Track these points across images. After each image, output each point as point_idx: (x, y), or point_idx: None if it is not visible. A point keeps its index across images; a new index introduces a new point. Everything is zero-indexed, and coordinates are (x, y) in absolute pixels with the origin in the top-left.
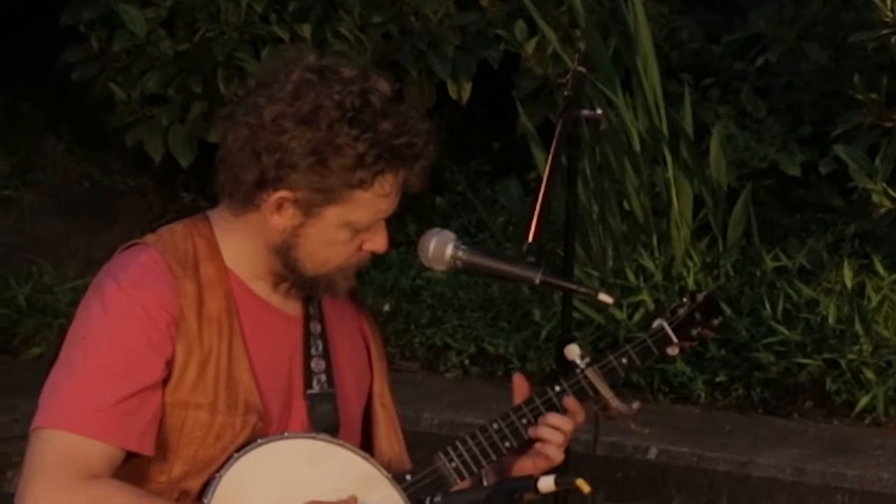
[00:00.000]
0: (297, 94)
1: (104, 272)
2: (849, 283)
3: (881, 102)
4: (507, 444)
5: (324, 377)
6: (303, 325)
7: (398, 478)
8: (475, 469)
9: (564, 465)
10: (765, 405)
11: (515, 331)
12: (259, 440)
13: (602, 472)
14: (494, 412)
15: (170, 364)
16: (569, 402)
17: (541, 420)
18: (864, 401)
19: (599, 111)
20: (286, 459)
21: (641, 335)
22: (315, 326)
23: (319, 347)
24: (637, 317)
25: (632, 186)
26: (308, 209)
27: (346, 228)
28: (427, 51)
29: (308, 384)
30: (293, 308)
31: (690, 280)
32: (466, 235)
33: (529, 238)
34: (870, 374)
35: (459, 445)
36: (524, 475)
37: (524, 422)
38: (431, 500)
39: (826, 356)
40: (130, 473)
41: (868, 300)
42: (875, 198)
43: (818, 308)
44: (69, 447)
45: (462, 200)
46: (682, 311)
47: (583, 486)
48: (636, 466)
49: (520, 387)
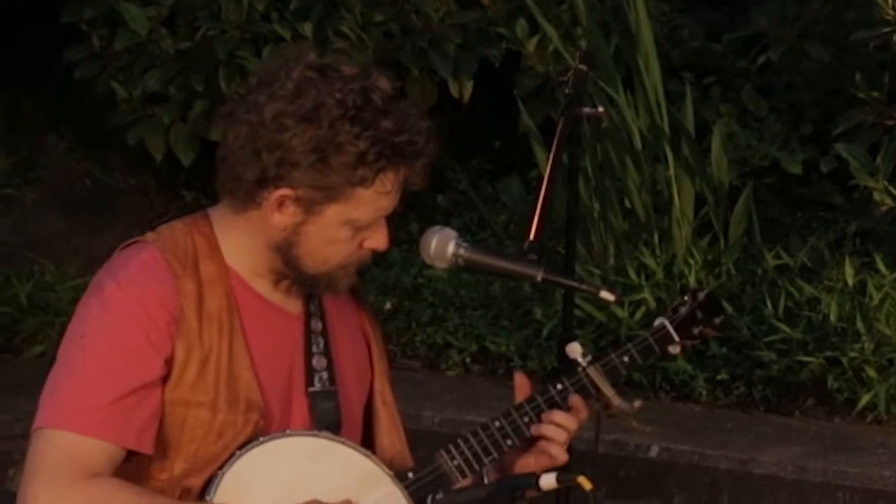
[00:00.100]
0: (298, 92)
1: (104, 270)
2: (850, 282)
3: (883, 101)
4: (509, 443)
5: (325, 375)
6: (304, 323)
7: (400, 476)
8: (477, 467)
9: (566, 463)
10: (766, 403)
11: (517, 329)
12: (261, 438)
13: (603, 470)
14: (496, 410)
15: (169, 363)
16: (574, 401)
17: (544, 417)
18: (866, 399)
19: (601, 109)
20: (288, 457)
21: (643, 333)
22: (316, 324)
23: (321, 345)
24: (638, 315)
25: (633, 184)
26: (309, 207)
27: (347, 226)
28: (428, 49)
29: (309, 382)
30: (294, 306)
31: (692, 278)
32: (468, 234)
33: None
34: (871, 372)
35: (461, 443)
36: (526, 473)
37: (526, 420)
38: (433, 498)
39: (827, 354)
40: (132, 471)
41: (869, 298)
42: (876, 196)
43: (820, 306)
44: (70, 447)
45: (463, 199)
46: (684, 310)
47: (584, 484)
48: (638, 464)
49: (521, 385)
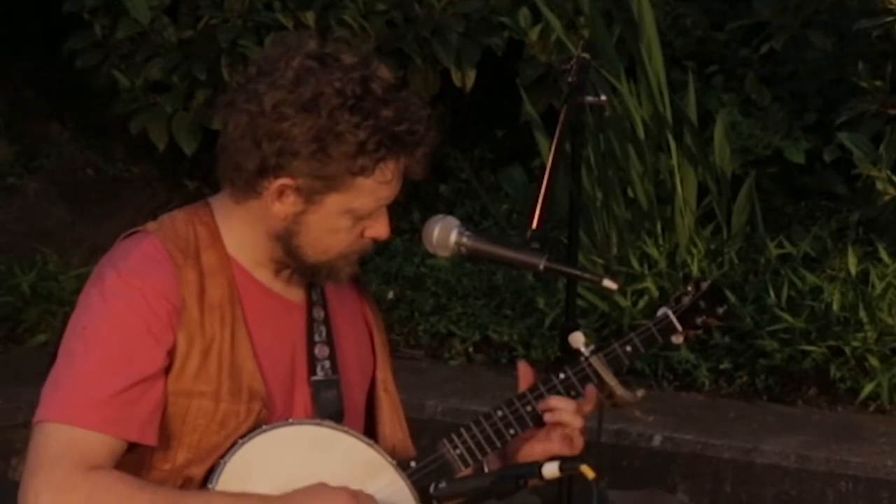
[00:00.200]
0: (298, 82)
1: (105, 261)
2: (853, 271)
3: (885, 90)
4: (512, 432)
5: (327, 363)
6: (306, 312)
7: (403, 464)
8: (479, 456)
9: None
10: (769, 392)
11: (519, 318)
12: (263, 426)
13: (607, 460)
14: (499, 399)
15: (171, 353)
16: (590, 390)
17: (558, 404)
18: (869, 388)
19: (603, 98)
20: (291, 446)
21: (646, 323)
22: (318, 313)
23: (323, 334)
24: (641, 304)
25: (636, 174)
26: (309, 196)
27: (348, 215)
28: (431, 38)
29: (312, 370)
30: (296, 295)
31: (695, 267)
32: (470, 223)
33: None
34: (874, 362)
35: (464, 432)
36: (529, 461)
37: (528, 409)
38: (436, 487)
39: (830, 343)
40: (134, 462)
41: (872, 287)
42: (879, 185)
43: (822, 295)
44: (71, 440)
45: (466, 188)
46: (687, 300)
47: (587, 473)
48: (641, 454)
49: (524, 374)
